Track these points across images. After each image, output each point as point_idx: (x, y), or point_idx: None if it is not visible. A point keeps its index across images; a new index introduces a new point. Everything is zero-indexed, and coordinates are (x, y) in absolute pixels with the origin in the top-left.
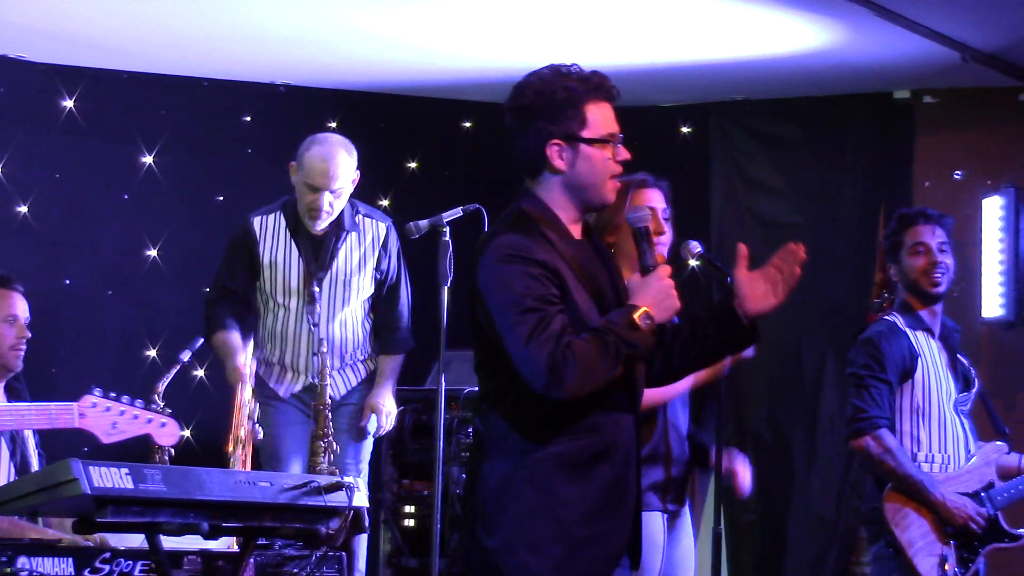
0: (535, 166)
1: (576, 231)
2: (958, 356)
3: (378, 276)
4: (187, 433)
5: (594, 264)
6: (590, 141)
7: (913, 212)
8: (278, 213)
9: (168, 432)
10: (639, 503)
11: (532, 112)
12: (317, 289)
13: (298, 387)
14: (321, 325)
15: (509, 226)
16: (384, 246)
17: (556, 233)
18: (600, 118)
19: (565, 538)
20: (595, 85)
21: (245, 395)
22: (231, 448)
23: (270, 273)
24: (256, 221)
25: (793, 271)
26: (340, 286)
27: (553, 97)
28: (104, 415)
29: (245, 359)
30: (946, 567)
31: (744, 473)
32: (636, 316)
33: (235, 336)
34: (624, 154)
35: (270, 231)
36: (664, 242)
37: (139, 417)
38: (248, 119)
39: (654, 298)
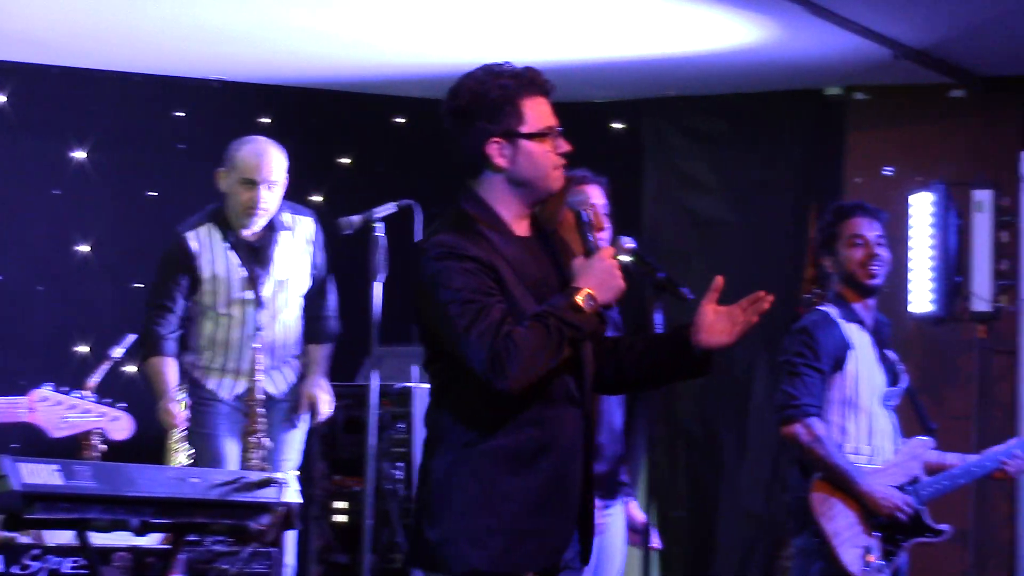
0: (477, 166)
1: (522, 227)
2: (887, 351)
3: (313, 272)
4: None
5: (538, 260)
6: (529, 136)
7: (850, 205)
8: (209, 224)
9: (121, 426)
10: (588, 498)
11: (469, 113)
12: (264, 295)
13: (241, 389)
14: (265, 328)
15: (446, 226)
16: (315, 241)
17: (496, 231)
18: (537, 113)
19: (506, 531)
20: (529, 80)
21: (176, 440)
22: None
23: (211, 287)
24: (191, 236)
25: (753, 317)
26: (282, 287)
27: (488, 96)
28: (54, 409)
29: (178, 399)
30: (869, 558)
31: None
32: (578, 298)
33: (171, 368)
34: (565, 146)
35: (206, 245)
36: (603, 238)
37: (91, 411)
38: (181, 115)
39: (597, 279)
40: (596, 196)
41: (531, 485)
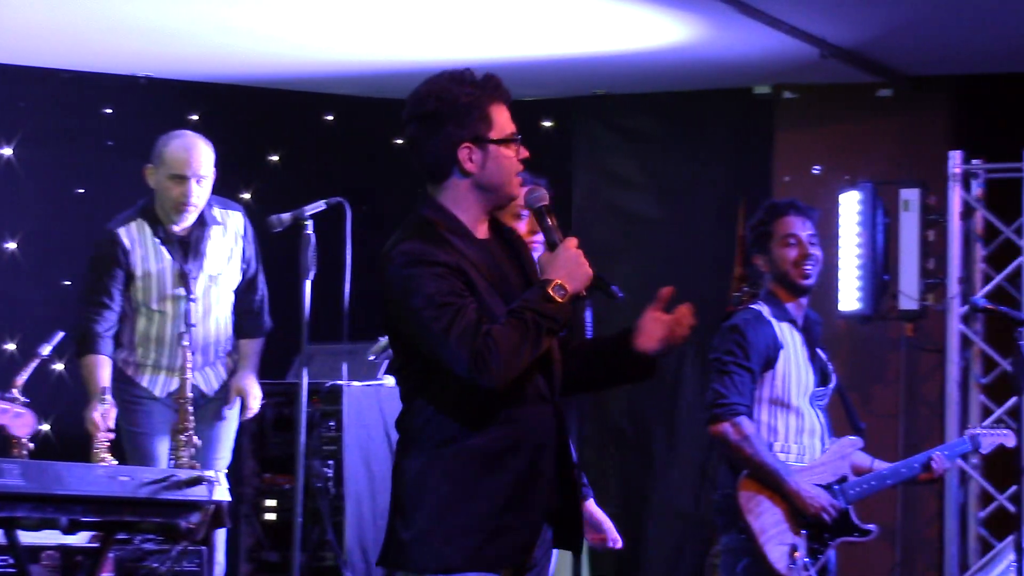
0: (443, 171)
1: (482, 230)
2: (817, 350)
3: (243, 266)
4: (46, 427)
5: (500, 261)
6: (498, 141)
7: (783, 203)
8: (140, 220)
9: (23, 422)
10: (573, 490)
11: (438, 118)
12: (194, 292)
13: (175, 386)
14: (198, 324)
15: (410, 234)
16: (244, 235)
17: (458, 236)
18: (503, 118)
19: (479, 529)
20: (494, 87)
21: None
22: None
23: (144, 283)
24: (122, 232)
25: (686, 331)
26: (213, 283)
27: (457, 102)
28: None
29: (105, 405)
30: (795, 555)
31: (610, 527)
32: (550, 289)
33: (104, 368)
34: (524, 152)
35: (138, 240)
36: (538, 241)
37: None
38: (109, 111)
39: (565, 269)
40: None
41: (503, 483)
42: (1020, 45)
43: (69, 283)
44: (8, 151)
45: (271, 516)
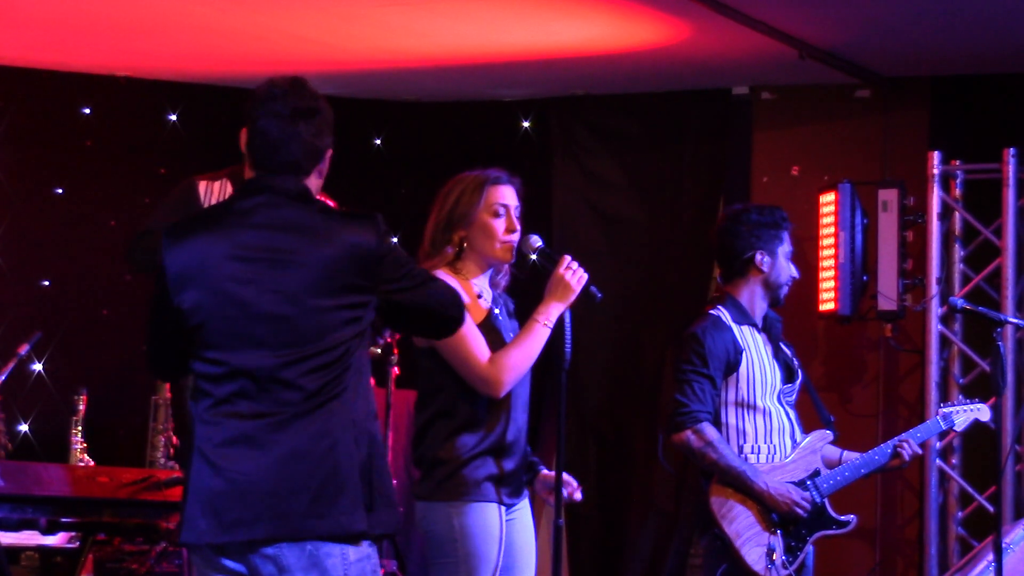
0: None
1: None
2: (781, 346)
3: None
4: (25, 428)
5: None
6: None
7: (787, 218)
8: (224, 181)
9: None
10: None
11: None
12: None
13: None
14: None
15: None
16: None
17: None
18: None
19: None
20: None
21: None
22: None
23: None
24: (202, 186)
25: None
26: None
27: None
28: None
29: None
30: (773, 556)
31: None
32: None
33: None
34: None
35: (215, 198)
36: (514, 239)
37: None
38: (88, 111)
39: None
40: (510, 197)
41: None
42: (998, 46)
43: (48, 283)
44: None
45: None
